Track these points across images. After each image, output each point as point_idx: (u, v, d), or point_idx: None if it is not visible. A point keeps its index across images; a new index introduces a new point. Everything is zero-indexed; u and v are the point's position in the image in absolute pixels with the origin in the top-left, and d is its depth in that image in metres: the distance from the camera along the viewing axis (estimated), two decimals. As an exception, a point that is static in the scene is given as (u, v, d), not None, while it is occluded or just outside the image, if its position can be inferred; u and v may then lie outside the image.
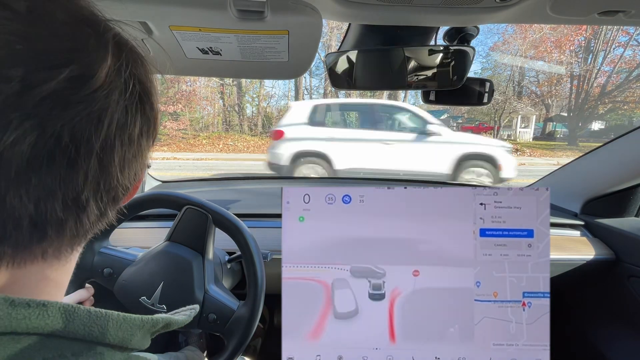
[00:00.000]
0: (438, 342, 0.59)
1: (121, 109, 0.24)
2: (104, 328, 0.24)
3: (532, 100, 16.25)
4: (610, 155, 1.00)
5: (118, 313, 0.26)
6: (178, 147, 12.84)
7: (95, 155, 0.23)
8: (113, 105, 0.23)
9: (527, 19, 0.58)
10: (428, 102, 0.81)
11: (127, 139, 0.25)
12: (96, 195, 0.24)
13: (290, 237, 0.61)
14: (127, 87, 0.24)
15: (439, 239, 0.60)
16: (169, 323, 0.30)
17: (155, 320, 0.28)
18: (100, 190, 0.24)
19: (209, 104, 15.80)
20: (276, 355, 0.61)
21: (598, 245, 0.98)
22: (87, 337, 0.24)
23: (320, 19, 0.52)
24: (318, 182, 1.46)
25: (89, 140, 0.22)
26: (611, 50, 13.06)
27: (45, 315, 0.22)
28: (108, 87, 0.23)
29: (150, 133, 0.28)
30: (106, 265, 0.69)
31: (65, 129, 0.21)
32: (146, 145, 0.28)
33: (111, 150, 0.24)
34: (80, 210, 0.23)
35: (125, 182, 0.26)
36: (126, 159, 0.25)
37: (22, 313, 0.21)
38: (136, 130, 0.26)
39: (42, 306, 0.22)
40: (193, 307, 0.39)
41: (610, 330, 0.97)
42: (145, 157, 0.28)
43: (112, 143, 0.24)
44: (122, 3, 0.46)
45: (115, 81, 0.23)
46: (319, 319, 0.60)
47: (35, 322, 0.22)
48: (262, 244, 0.85)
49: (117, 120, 0.24)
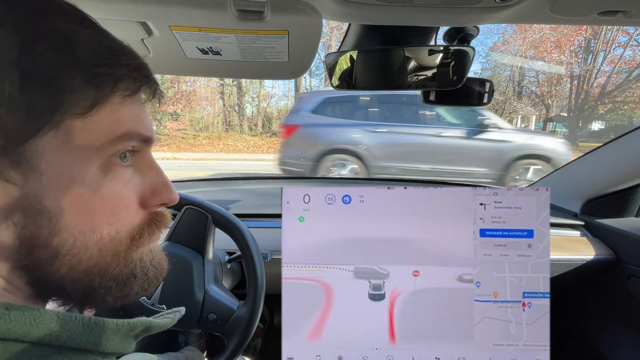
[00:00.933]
0: (438, 342, 0.59)
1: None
2: (73, 333, 0.24)
3: (532, 100, 16.25)
4: (610, 155, 1.00)
5: (90, 317, 0.25)
6: (178, 147, 12.84)
7: None
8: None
9: (527, 19, 0.58)
10: (428, 102, 0.81)
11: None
12: None
13: (290, 237, 0.61)
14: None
15: (439, 239, 0.60)
16: (148, 327, 0.30)
17: (132, 324, 0.28)
18: None
19: (209, 104, 15.79)
20: (276, 355, 0.61)
21: (598, 245, 0.98)
22: (55, 342, 0.23)
23: (320, 19, 0.52)
24: (318, 182, 1.46)
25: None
26: (611, 50, 13.05)
27: (7, 320, 0.21)
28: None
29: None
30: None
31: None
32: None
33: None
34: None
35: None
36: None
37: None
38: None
39: (4, 309, 0.22)
40: (178, 310, 0.38)
41: (610, 330, 0.97)
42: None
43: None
44: (122, 3, 0.46)
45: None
46: (319, 319, 0.60)
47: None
48: (262, 244, 0.85)
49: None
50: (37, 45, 0.22)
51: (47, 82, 0.23)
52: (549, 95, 15.73)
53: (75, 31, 0.24)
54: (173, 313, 0.37)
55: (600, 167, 1.03)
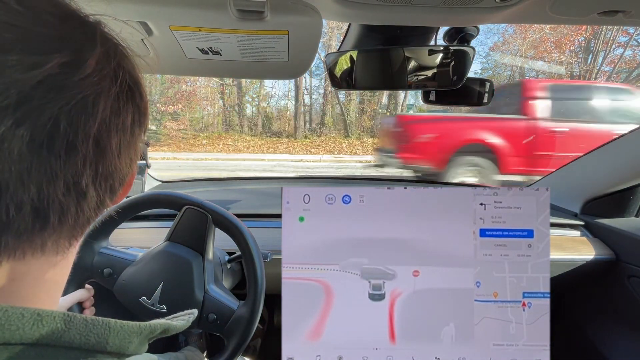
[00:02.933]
0: (438, 342, 0.59)
1: (113, 95, 0.25)
2: (101, 336, 0.25)
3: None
4: (610, 155, 1.00)
5: (115, 320, 0.26)
6: (178, 147, 12.85)
7: (93, 139, 0.24)
8: (105, 92, 0.24)
9: (527, 19, 0.58)
10: (428, 102, 0.81)
11: (121, 125, 0.26)
12: (95, 182, 0.25)
13: (290, 237, 0.61)
14: (117, 76, 0.25)
15: (439, 239, 0.60)
16: (167, 329, 0.30)
17: (153, 327, 0.28)
18: (99, 177, 0.25)
19: (209, 104, 15.80)
20: (276, 355, 0.61)
21: (598, 245, 0.98)
22: (84, 345, 0.24)
23: (320, 19, 0.52)
24: (318, 182, 1.46)
25: (85, 124, 0.23)
26: (611, 50, 13.05)
27: (40, 326, 0.22)
28: (99, 74, 0.24)
29: (141, 122, 0.29)
30: (106, 266, 0.69)
31: (62, 112, 0.22)
32: (138, 133, 0.29)
33: (107, 135, 0.25)
34: (81, 196, 0.24)
35: (121, 167, 0.27)
36: (122, 145, 0.26)
37: (15, 324, 0.21)
38: (129, 118, 0.27)
39: (36, 316, 0.22)
40: (191, 312, 0.38)
41: (610, 330, 0.97)
42: (137, 147, 0.30)
43: (108, 127, 0.25)
44: (122, 3, 0.46)
45: (106, 68, 0.24)
46: (319, 319, 0.60)
47: (29, 333, 0.22)
48: (262, 244, 0.85)
49: (111, 106, 0.25)
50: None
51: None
52: (549, 95, 15.70)
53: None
54: (187, 315, 0.38)
55: (600, 167, 1.03)
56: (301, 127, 14.77)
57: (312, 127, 15.60)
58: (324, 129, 14.80)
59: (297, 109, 14.71)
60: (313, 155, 12.01)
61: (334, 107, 15.44)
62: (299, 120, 14.68)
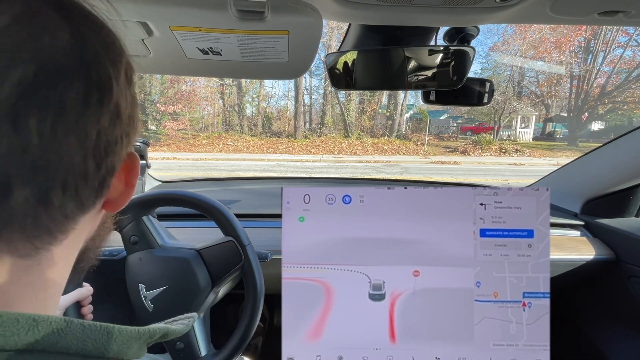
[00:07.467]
0: (438, 342, 0.59)
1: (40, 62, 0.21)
2: (99, 342, 0.24)
3: (532, 100, 16.26)
4: (610, 155, 1.00)
5: (114, 325, 0.26)
6: (178, 147, 12.86)
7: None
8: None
9: (527, 19, 0.58)
10: (428, 102, 0.81)
11: (56, 101, 0.22)
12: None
13: (290, 237, 0.61)
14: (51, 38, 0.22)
15: (439, 239, 0.60)
16: (166, 333, 0.30)
17: (152, 331, 0.28)
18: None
19: (209, 104, 15.81)
20: (277, 354, 0.61)
21: (598, 245, 0.98)
22: (81, 351, 0.23)
23: (320, 19, 0.52)
24: (318, 182, 1.46)
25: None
26: (611, 50, 13.06)
27: (35, 331, 0.22)
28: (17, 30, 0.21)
29: (100, 100, 0.24)
30: (136, 234, 0.71)
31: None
32: (93, 114, 0.24)
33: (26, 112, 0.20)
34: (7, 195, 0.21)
35: (69, 158, 0.22)
36: (57, 125, 0.21)
37: (10, 329, 0.21)
38: (70, 92, 0.22)
39: (32, 321, 0.22)
40: (191, 316, 0.38)
41: (610, 330, 0.97)
42: (93, 133, 0.24)
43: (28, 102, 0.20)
44: (122, 3, 0.46)
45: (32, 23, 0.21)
46: (319, 319, 0.60)
47: (24, 339, 0.21)
48: (262, 244, 0.85)
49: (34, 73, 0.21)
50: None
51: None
52: (548, 96, 15.74)
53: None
54: (187, 319, 0.37)
55: (600, 167, 1.03)
56: (301, 127, 14.78)
57: (312, 127, 15.60)
58: (324, 129, 14.82)
59: (297, 109, 14.72)
60: (313, 155, 12.03)
61: (334, 107, 15.45)
62: (299, 120, 14.70)
